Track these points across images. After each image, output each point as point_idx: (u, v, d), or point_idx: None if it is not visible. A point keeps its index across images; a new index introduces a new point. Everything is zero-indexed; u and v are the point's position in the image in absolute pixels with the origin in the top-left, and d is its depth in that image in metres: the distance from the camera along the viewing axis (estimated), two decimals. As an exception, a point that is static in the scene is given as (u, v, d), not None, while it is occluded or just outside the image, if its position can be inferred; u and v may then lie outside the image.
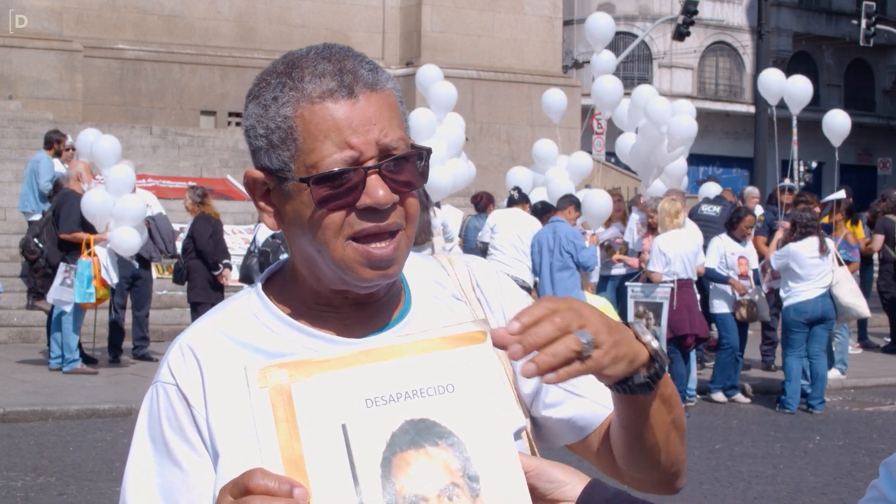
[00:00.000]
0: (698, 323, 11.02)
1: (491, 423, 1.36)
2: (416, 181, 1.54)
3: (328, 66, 1.51)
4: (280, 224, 1.58)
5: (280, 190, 1.55)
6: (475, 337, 1.38)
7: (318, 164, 1.49)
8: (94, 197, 11.58)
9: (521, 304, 1.71)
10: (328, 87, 1.50)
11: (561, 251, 10.76)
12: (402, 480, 1.31)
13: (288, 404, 1.32)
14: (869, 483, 1.65)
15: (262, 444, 1.31)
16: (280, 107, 1.51)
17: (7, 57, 21.48)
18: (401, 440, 1.32)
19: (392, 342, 1.38)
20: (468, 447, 1.34)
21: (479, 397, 1.36)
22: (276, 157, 1.53)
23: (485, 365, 1.38)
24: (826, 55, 47.31)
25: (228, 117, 24.01)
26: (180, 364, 1.56)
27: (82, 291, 11.30)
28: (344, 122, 1.49)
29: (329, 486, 1.30)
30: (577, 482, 1.40)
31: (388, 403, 1.33)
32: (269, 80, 1.54)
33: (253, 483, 1.27)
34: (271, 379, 1.32)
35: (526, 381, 1.67)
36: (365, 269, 1.52)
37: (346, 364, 1.35)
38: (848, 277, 11.18)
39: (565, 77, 28.14)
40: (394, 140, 1.51)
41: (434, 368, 1.36)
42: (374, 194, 1.49)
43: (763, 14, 28.21)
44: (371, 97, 1.51)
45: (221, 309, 1.63)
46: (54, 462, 8.31)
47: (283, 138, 1.51)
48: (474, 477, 1.33)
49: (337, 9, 25.37)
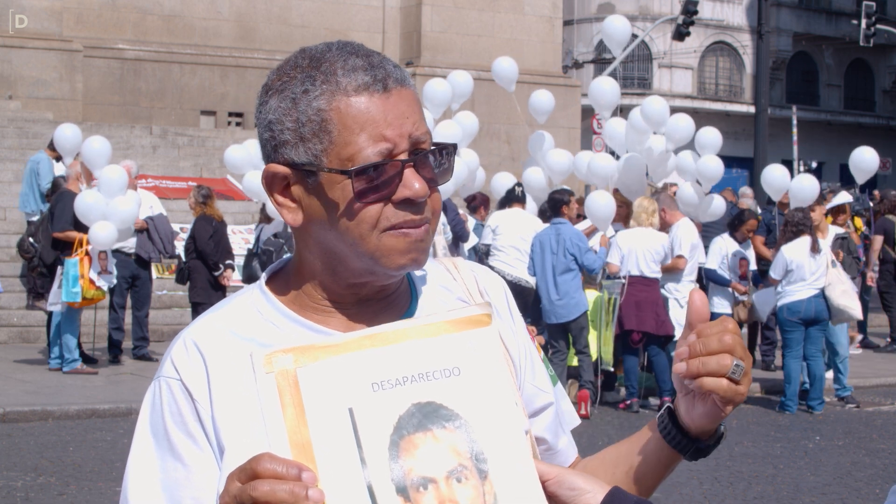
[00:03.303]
0: (649, 321, 10.89)
1: (497, 405, 1.36)
2: (442, 176, 1.56)
3: (358, 60, 1.52)
4: (301, 219, 1.56)
5: (306, 184, 1.54)
6: (480, 320, 1.39)
7: (353, 157, 1.49)
8: (87, 197, 11.57)
9: (520, 317, 1.74)
10: (363, 81, 1.50)
11: (565, 253, 10.74)
12: (409, 463, 1.31)
13: (294, 389, 1.32)
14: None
15: (269, 429, 1.31)
16: (313, 100, 1.50)
17: (7, 57, 21.49)
18: (408, 423, 1.33)
19: (397, 326, 1.38)
20: (475, 429, 1.34)
21: (485, 380, 1.37)
22: (306, 151, 1.52)
23: (490, 348, 1.38)
24: (826, 55, 47.30)
25: (228, 117, 24.01)
26: (184, 359, 1.55)
27: (68, 290, 11.29)
28: (380, 116, 1.50)
29: (337, 470, 1.30)
30: (597, 490, 1.41)
31: (394, 387, 1.34)
32: (294, 75, 1.53)
33: (261, 467, 1.27)
34: (277, 364, 1.33)
35: (524, 378, 1.68)
36: (400, 256, 1.52)
37: (352, 348, 1.35)
38: (840, 279, 11.13)
39: (565, 77, 28.13)
40: (423, 134, 1.53)
41: (440, 352, 1.36)
42: (411, 186, 1.50)
43: (763, 14, 28.20)
44: (402, 92, 1.53)
45: (225, 305, 1.63)
46: (54, 462, 8.31)
47: (316, 131, 1.51)
48: (482, 458, 1.33)
49: (337, 9, 25.38)
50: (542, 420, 1.70)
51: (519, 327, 1.72)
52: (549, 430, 1.71)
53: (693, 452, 1.58)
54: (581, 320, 10.82)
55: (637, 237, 11.06)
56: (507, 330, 1.68)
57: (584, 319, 10.86)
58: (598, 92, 13.98)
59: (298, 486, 1.26)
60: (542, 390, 1.71)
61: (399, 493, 1.30)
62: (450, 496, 1.31)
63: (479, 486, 1.32)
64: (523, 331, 1.73)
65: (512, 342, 1.68)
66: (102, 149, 12.54)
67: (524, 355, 1.69)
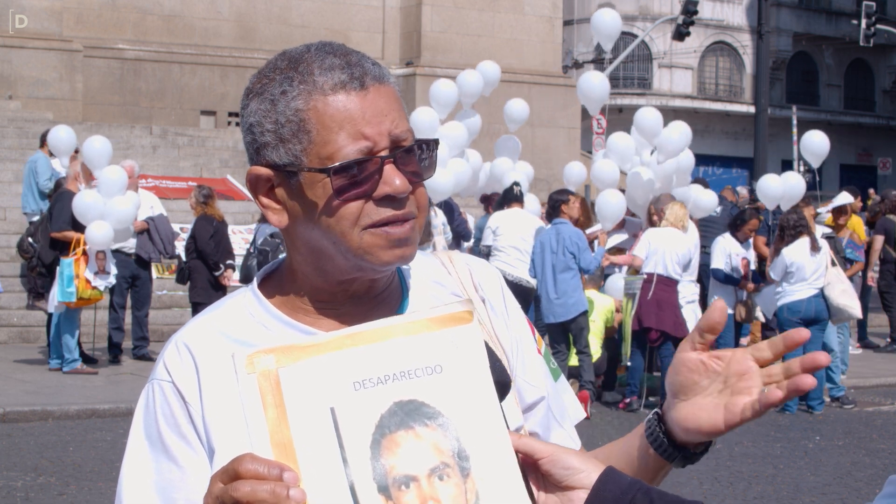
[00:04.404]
0: (668, 321, 10.91)
1: (480, 402, 1.36)
2: (426, 171, 1.56)
3: (335, 59, 1.52)
4: (287, 220, 1.57)
5: (288, 185, 1.54)
6: (461, 317, 1.39)
7: (333, 156, 1.49)
8: (85, 197, 11.57)
9: (518, 310, 1.73)
10: (340, 80, 1.50)
11: (564, 251, 10.75)
12: (391, 461, 1.31)
13: (276, 389, 1.32)
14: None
15: (251, 430, 1.31)
16: (290, 100, 1.51)
17: (7, 57, 21.49)
18: (389, 422, 1.33)
19: (378, 325, 1.38)
20: (457, 427, 1.34)
21: (467, 377, 1.37)
22: (286, 151, 1.52)
23: (472, 345, 1.38)
24: (826, 55, 47.31)
25: (228, 117, 24.02)
26: (176, 361, 1.56)
27: (63, 290, 11.29)
28: (358, 114, 1.49)
29: (319, 469, 1.30)
30: (592, 469, 1.40)
31: (375, 385, 1.34)
32: (272, 76, 1.53)
33: (242, 468, 1.27)
34: (259, 365, 1.33)
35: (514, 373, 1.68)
36: (384, 252, 1.52)
37: (333, 348, 1.35)
38: (840, 278, 11.13)
39: (565, 77, 28.12)
40: (403, 131, 1.53)
41: (421, 349, 1.36)
42: (391, 182, 1.50)
43: (763, 14, 28.20)
44: (380, 89, 1.52)
45: (217, 307, 1.64)
46: (54, 462, 8.31)
47: (295, 131, 1.51)
48: (464, 456, 1.33)
49: (337, 9, 25.39)
50: (533, 415, 1.70)
51: (513, 321, 1.71)
52: (541, 425, 1.71)
53: (680, 460, 1.57)
54: (580, 320, 10.82)
55: (666, 237, 11.08)
56: (500, 324, 1.68)
57: (583, 319, 10.86)
58: (587, 87, 13.93)
59: (280, 486, 1.26)
60: (532, 385, 1.70)
61: (381, 491, 1.30)
62: (432, 494, 1.31)
63: (462, 483, 1.33)
64: (519, 325, 1.72)
65: (505, 336, 1.68)
66: (103, 149, 12.57)
67: (517, 350, 1.69)
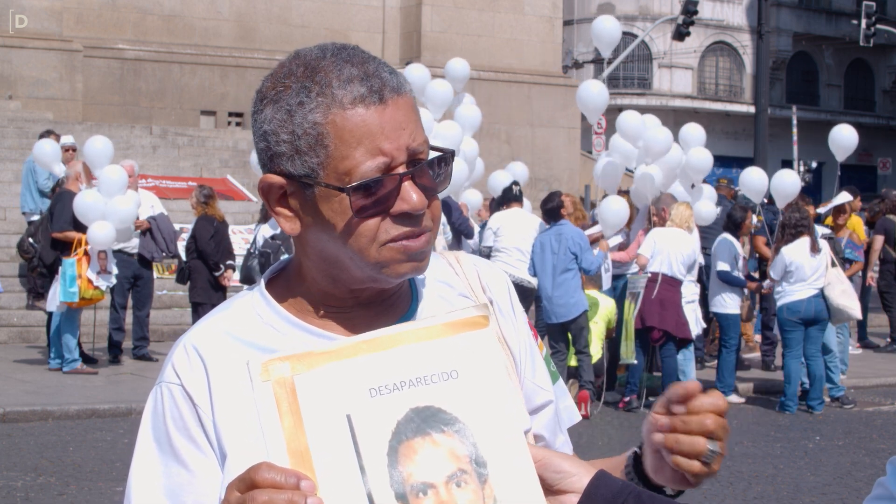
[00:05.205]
0: (671, 321, 10.91)
1: (496, 407, 1.35)
2: (441, 185, 1.55)
3: (353, 70, 1.50)
4: (300, 228, 1.56)
5: (303, 195, 1.53)
6: (477, 322, 1.38)
7: (351, 172, 1.48)
8: (86, 197, 11.56)
9: (523, 313, 1.73)
10: (359, 93, 1.48)
11: (566, 252, 10.75)
12: (408, 468, 1.31)
13: (291, 397, 1.31)
14: (869, 482, 1.66)
15: (267, 438, 1.30)
16: (308, 112, 1.48)
17: (7, 57, 21.48)
18: (406, 428, 1.32)
19: (394, 330, 1.37)
20: (474, 433, 1.33)
21: (484, 382, 1.36)
22: (302, 163, 1.50)
23: (488, 350, 1.38)
24: (826, 55, 47.32)
25: (228, 117, 24.01)
26: (185, 364, 1.55)
27: (65, 290, 11.29)
28: (377, 129, 1.48)
29: (336, 477, 1.29)
30: (583, 473, 1.40)
31: (391, 392, 1.33)
32: (289, 84, 1.51)
33: (259, 477, 1.26)
34: (274, 372, 1.32)
35: (524, 375, 1.68)
36: (401, 265, 1.52)
37: (349, 354, 1.34)
38: (840, 279, 11.12)
39: (565, 77, 28.12)
40: (420, 144, 1.51)
41: (437, 355, 1.35)
42: (409, 200, 1.49)
43: (763, 14, 28.19)
44: (398, 102, 1.51)
45: (225, 309, 1.63)
46: (54, 462, 8.31)
47: (312, 144, 1.49)
48: (482, 462, 1.32)
49: (337, 9, 25.38)
50: (541, 418, 1.70)
51: (520, 323, 1.72)
52: (548, 429, 1.71)
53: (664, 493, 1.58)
54: (580, 320, 10.82)
55: (672, 237, 11.08)
56: (508, 326, 1.68)
57: (583, 319, 10.86)
58: (586, 96, 13.92)
59: (297, 494, 1.25)
60: (542, 388, 1.70)
61: (398, 499, 1.30)
62: (449, 501, 1.31)
63: (479, 490, 1.32)
64: (525, 326, 1.72)
65: (513, 338, 1.68)
66: (105, 149, 12.58)
67: (525, 352, 1.69)
